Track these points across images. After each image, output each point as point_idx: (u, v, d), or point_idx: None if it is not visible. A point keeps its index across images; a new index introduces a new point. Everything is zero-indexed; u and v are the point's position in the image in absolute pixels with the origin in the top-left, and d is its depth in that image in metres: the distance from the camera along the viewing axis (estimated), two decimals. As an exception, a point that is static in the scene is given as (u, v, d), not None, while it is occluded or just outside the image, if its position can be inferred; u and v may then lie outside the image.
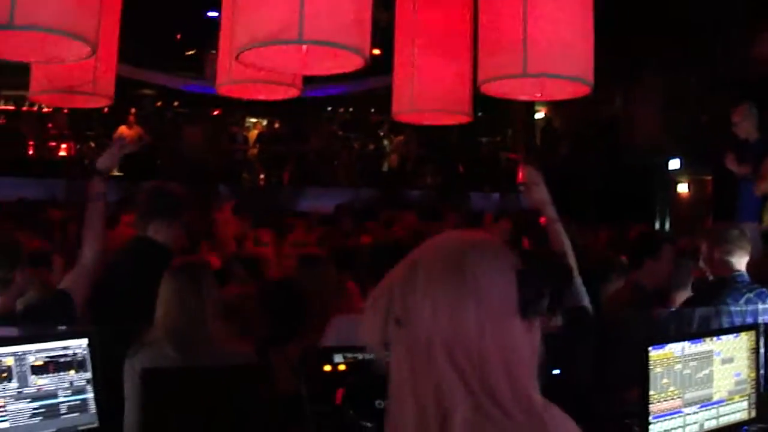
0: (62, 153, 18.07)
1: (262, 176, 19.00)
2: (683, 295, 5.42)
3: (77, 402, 3.06)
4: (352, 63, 4.13)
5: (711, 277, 5.05)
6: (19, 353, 2.96)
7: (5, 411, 2.89)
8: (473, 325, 1.59)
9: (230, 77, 4.93)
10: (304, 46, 4.12)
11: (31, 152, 17.99)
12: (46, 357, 3.02)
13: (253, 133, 20.14)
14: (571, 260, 4.28)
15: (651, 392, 3.22)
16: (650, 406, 3.22)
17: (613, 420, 3.68)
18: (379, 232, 10.12)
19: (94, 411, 3.09)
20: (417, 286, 1.63)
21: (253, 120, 20.57)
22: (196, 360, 3.75)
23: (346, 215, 12.66)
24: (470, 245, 1.69)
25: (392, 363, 1.64)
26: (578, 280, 4.25)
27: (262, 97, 5.27)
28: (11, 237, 3.99)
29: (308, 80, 5.25)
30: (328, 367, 2.83)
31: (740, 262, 4.91)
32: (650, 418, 3.21)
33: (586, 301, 4.34)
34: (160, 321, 3.85)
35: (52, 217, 10.05)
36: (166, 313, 3.85)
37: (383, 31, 5.72)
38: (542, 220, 4.44)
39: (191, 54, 18.57)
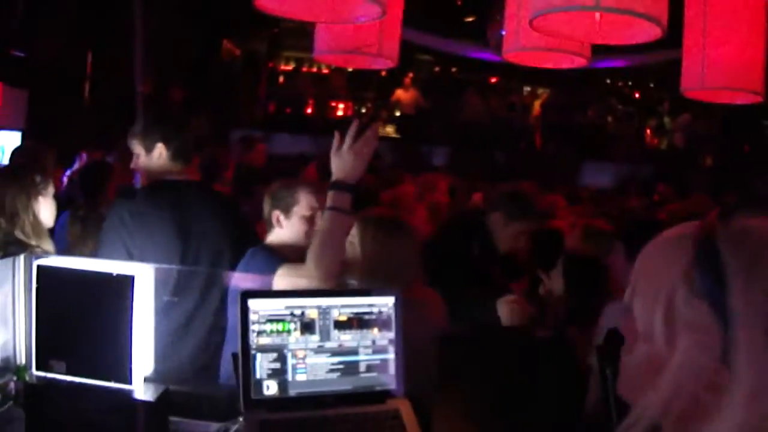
0: (339, 113, 18.64)
1: (538, 145, 18.80)
2: None
3: (377, 362, 2.99)
4: (648, 33, 3.89)
5: None
6: (324, 307, 2.94)
7: (304, 363, 2.89)
8: None
9: (518, 44, 4.79)
10: (598, 14, 3.91)
11: (309, 111, 18.66)
12: (351, 313, 2.98)
13: (536, 102, 19.91)
14: None
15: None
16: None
17: None
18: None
19: (393, 373, 3.00)
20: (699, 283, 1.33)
21: (530, 89, 20.40)
22: None
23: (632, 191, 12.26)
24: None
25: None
26: None
27: (549, 65, 5.08)
28: None
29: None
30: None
31: None
32: None
33: None
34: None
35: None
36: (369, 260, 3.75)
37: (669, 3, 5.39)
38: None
39: (471, 20, 18.54)
